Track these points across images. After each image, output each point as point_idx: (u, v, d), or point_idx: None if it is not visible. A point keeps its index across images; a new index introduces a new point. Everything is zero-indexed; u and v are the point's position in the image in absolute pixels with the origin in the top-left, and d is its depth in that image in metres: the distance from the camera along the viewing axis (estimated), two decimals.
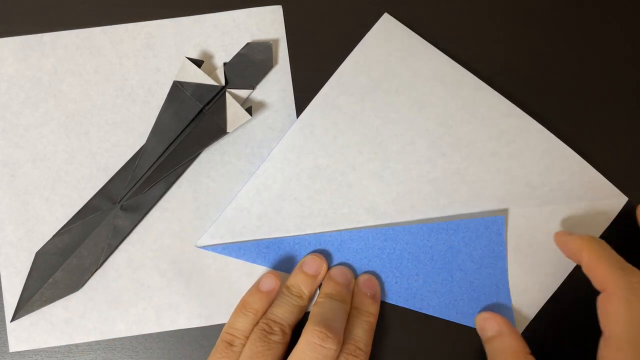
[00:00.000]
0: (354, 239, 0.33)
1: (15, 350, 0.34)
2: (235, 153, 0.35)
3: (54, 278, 0.34)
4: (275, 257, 0.33)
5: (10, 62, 0.35)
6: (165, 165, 0.34)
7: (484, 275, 0.33)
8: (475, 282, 0.33)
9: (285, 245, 0.33)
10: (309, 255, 0.33)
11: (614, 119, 0.35)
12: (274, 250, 0.33)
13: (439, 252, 0.33)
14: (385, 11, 0.35)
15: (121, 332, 0.34)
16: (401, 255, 0.33)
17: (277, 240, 0.34)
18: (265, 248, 0.33)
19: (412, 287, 0.33)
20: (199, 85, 0.34)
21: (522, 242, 0.33)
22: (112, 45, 0.35)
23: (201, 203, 0.35)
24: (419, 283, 0.33)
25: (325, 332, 0.29)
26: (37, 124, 0.35)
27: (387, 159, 0.34)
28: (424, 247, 0.33)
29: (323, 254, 0.33)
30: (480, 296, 0.33)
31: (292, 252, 0.34)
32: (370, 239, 0.33)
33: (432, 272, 0.33)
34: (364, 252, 0.33)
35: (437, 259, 0.33)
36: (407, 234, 0.33)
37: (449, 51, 0.35)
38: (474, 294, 0.33)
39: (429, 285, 0.33)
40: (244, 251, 0.33)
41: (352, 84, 0.33)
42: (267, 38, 0.35)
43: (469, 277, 0.33)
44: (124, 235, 0.34)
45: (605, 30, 0.36)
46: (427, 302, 0.33)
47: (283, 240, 0.34)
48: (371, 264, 0.33)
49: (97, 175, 0.35)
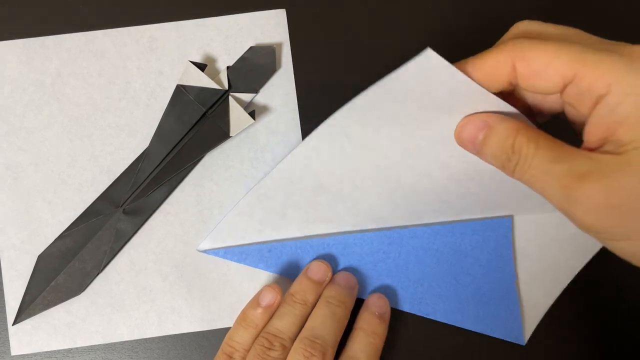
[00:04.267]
0: (358, 242, 0.33)
1: (17, 354, 0.34)
2: (238, 157, 0.35)
3: (56, 281, 0.34)
4: (277, 262, 0.33)
5: (13, 65, 0.35)
6: (168, 169, 0.34)
7: (491, 279, 0.33)
8: (482, 287, 0.33)
9: (288, 249, 0.33)
10: (314, 261, 0.33)
11: None
12: (276, 254, 0.33)
13: (445, 256, 0.33)
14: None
15: (123, 335, 0.34)
16: (407, 259, 0.33)
17: (279, 244, 0.33)
18: (268, 252, 0.33)
19: (417, 292, 0.33)
20: (202, 89, 0.34)
21: (529, 247, 0.33)
22: (115, 48, 0.35)
23: (204, 207, 0.35)
24: (424, 288, 0.33)
25: (309, 350, 0.29)
26: (40, 127, 0.35)
27: (399, 185, 0.31)
28: (430, 250, 0.33)
29: (326, 259, 0.33)
30: (487, 300, 0.33)
31: (295, 256, 0.33)
32: (375, 243, 0.33)
33: (437, 276, 0.33)
34: (368, 256, 0.33)
35: (443, 262, 0.33)
36: (412, 237, 0.33)
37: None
38: (481, 298, 0.33)
39: (435, 290, 0.33)
40: (245, 255, 0.33)
41: (370, 115, 0.28)
42: (270, 42, 0.35)
43: (475, 282, 0.33)
44: (126, 239, 0.34)
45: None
46: (433, 307, 0.33)
47: (286, 244, 0.33)
48: (376, 269, 0.33)
49: (100, 179, 0.35)
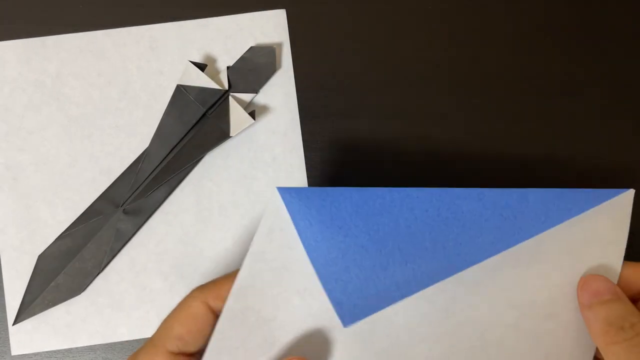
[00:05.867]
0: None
1: (17, 354, 0.34)
2: (238, 157, 0.35)
3: (56, 281, 0.34)
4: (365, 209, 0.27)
5: (13, 65, 0.35)
6: (168, 169, 0.34)
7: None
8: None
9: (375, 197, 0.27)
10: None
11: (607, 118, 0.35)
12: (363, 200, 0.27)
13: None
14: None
15: (123, 335, 0.34)
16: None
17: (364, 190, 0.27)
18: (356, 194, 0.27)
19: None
20: (202, 89, 0.34)
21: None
22: (115, 48, 0.35)
23: (204, 207, 0.35)
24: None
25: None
26: (40, 127, 0.35)
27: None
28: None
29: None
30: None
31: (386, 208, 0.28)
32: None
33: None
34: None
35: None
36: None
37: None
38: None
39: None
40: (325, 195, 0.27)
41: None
42: (270, 42, 0.35)
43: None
44: (126, 239, 0.34)
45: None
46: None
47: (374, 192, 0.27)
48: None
49: (100, 179, 0.35)
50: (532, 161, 0.35)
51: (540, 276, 0.29)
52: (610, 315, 0.27)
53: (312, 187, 0.28)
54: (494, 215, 0.29)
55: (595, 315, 0.27)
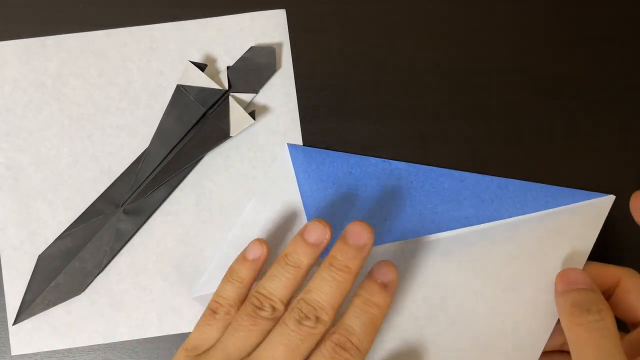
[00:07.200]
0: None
1: (17, 354, 0.34)
2: (238, 157, 0.35)
3: (56, 281, 0.34)
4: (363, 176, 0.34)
5: (13, 65, 0.35)
6: (168, 169, 0.34)
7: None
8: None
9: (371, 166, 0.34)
10: (312, 221, 0.30)
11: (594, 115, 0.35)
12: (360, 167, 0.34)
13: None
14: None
15: (123, 335, 0.34)
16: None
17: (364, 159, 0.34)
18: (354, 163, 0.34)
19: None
20: (202, 89, 0.34)
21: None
22: (115, 48, 0.35)
23: (204, 207, 0.35)
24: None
25: (303, 312, 0.27)
26: (40, 127, 0.35)
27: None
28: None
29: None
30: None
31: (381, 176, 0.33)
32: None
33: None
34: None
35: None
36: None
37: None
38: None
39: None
40: (331, 159, 0.34)
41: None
42: (270, 42, 0.35)
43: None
44: (126, 239, 0.34)
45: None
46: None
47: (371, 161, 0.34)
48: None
49: (100, 179, 0.35)
50: (532, 161, 0.35)
51: (507, 254, 0.32)
52: (579, 300, 0.29)
53: (317, 148, 0.34)
54: (473, 195, 0.33)
55: (565, 299, 0.29)
